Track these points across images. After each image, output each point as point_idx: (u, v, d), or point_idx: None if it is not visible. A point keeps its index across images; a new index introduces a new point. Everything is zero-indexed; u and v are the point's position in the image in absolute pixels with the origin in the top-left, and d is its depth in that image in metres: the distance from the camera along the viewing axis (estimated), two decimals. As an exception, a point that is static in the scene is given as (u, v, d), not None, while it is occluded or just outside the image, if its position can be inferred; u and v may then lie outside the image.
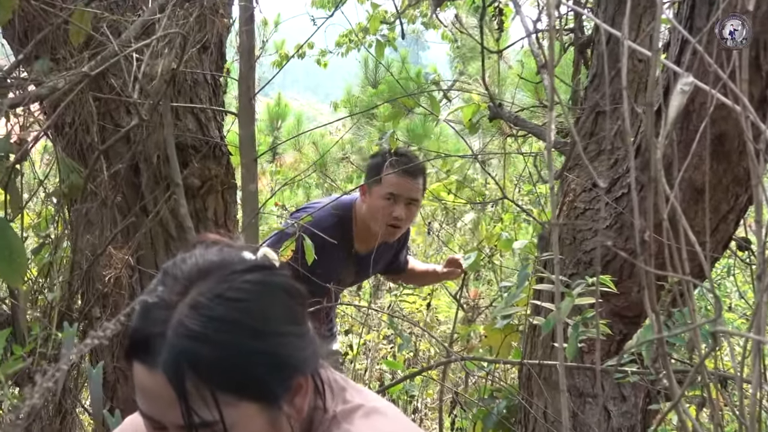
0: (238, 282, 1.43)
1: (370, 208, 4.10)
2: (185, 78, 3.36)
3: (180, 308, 1.39)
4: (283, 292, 1.48)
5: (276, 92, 13.28)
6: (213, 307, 1.39)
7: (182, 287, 1.42)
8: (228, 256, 1.48)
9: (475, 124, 3.83)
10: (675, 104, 1.53)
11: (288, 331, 1.46)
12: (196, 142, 3.38)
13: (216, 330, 1.37)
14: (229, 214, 3.55)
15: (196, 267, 1.45)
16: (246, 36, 3.11)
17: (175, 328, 1.38)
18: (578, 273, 3.28)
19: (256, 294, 1.43)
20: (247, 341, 1.39)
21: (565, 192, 3.44)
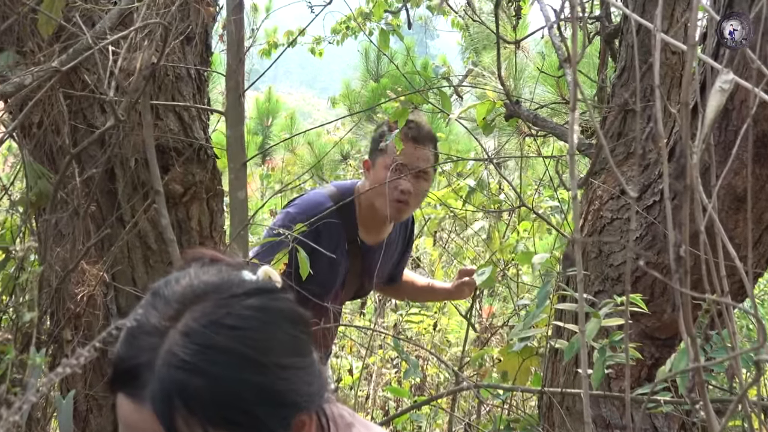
0: (237, 307, 1.42)
1: (375, 183, 4.03)
2: (167, 73, 3.36)
3: (171, 335, 1.39)
4: (286, 319, 1.48)
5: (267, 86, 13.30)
6: (208, 334, 1.38)
7: (174, 311, 1.42)
8: (226, 277, 1.47)
9: (489, 123, 3.84)
10: (713, 104, 1.53)
11: (291, 363, 1.45)
12: (178, 144, 3.39)
13: (211, 361, 1.37)
14: (216, 224, 3.55)
15: (190, 289, 1.45)
16: (235, 26, 3.12)
17: (166, 357, 1.37)
18: (605, 290, 3.28)
19: (256, 321, 1.43)
20: (244, 374, 1.39)
21: (590, 199, 3.45)
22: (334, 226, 3.90)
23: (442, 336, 6.65)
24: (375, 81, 10.89)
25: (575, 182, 1.43)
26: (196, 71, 3.49)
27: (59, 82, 3.08)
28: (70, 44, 3.00)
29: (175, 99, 3.40)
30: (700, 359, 1.53)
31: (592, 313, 2.63)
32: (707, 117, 1.54)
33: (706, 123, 1.55)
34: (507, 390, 3.25)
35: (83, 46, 2.84)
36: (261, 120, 12.24)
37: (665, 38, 1.56)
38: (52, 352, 3.33)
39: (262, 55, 10.75)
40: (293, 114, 12.17)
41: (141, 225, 3.30)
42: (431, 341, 6.64)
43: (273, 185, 10.11)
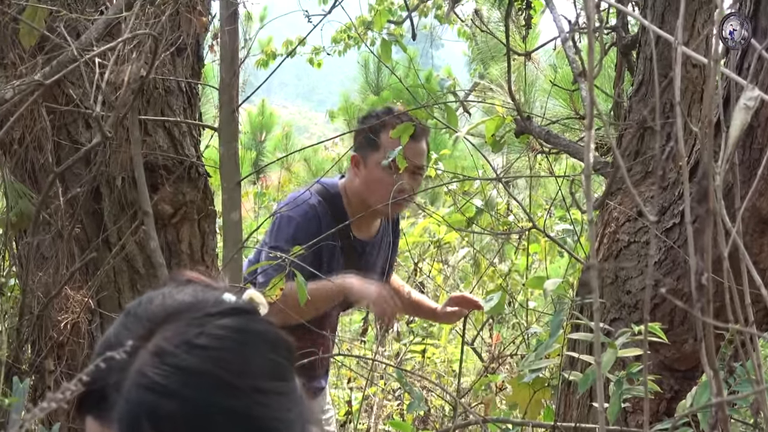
0: (211, 327, 1.41)
1: (368, 181, 4.01)
2: (156, 86, 3.38)
3: (141, 355, 1.38)
4: (264, 342, 1.47)
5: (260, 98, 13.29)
6: (179, 355, 1.37)
7: (145, 330, 1.41)
8: (202, 297, 1.48)
9: (498, 140, 3.85)
10: (738, 121, 1.54)
11: (268, 388, 1.44)
12: (168, 161, 3.40)
13: (182, 383, 1.36)
14: (207, 246, 3.56)
15: (162, 308, 1.44)
16: (228, 37, 3.13)
17: (135, 378, 1.37)
18: (621, 318, 3.29)
19: (231, 342, 1.42)
20: (217, 398, 1.38)
21: (606, 221, 3.45)
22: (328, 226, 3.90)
23: (447, 366, 6.65)
24: (375, 94, 10.88)
25: (591, 203, 1.44)
26: (187, 84, 3.50)
27: (42, 96, 3.09)
28: (54, 56, 3.01)
29: (165, 114, 3.41)
30: (723, 393, 1.53)
31: (608, 343, 2.63)
32: (731, 135, 1.55)
33: (730, 141, 1.56)
34: (517, 424, 3.25)
35: (68, 58, 2.86)
36: (254, 135, 12.23)
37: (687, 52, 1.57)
38: (34, 382, 3.33)
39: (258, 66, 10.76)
40: (289, 128, 12.16)
41: (128, 248, 3.31)
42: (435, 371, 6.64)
43: (268, 204, 10.10)
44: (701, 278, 1.42)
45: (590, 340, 2.97)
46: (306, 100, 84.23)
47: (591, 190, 1.46)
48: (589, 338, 2.88)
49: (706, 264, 1.42)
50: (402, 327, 6.82)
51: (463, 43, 10.55)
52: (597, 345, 1.47)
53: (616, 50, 4.47)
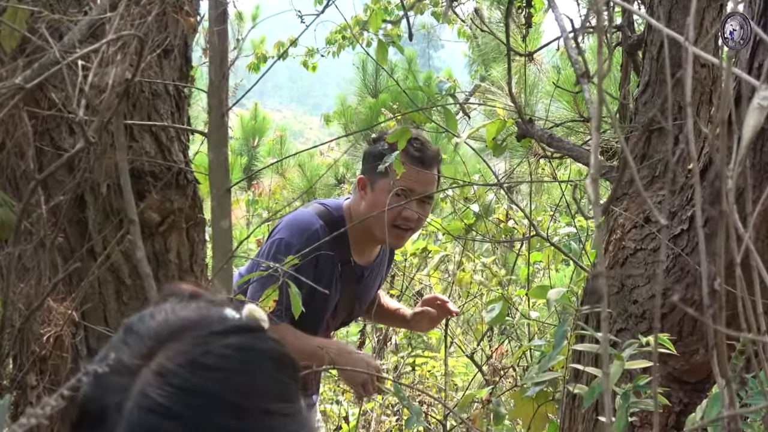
0: (217, 346, 1.41)
1: (373, 207, 3.95)
2: (142, 89, 3.36)
3: (143, 374, 1.37)
4: (270, 361, 1.46)
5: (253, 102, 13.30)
6: (183, 375, 1.37)
7: (147, 349, 1.40)
8: (206, 314, 1.47)
9: (500, 145, 3.84)
10: (750, 123, 1.53)
11: (274, 409, 1.43)
12: (155, 168, 3.38)
13: (185, 404, 1.35)
14: (196, 256, 3.54)
15: (166, 325, 1.43)
16: (218, 38, 3.12)
17: (136, 399, 1.36)
18: (628, 328, 3.28)
19: (237, 362, 1.41)
20: (222, 420, 1.37)
21: (611, 228, 3.45)
22: (327, 248, 3.87)
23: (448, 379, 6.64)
24: (373, 97, 10.87)
25: (598, 209, 1.43)
26: (175, 87, 3.49)
27: (23, 101, 3.08)
28: (36, 58, 3.00)
29: (152, 118, 3.39)
30: (735, 405, 1.52)
31: (614, 354, 2.63)
32: (744, 137, 1.54)
33: (743, 144, 1.55)
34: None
35: (50, 60, 2.84)
36: (247, 140, 12.23)
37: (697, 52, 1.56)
38: (15, 398, 3.31)
39: (250, 69, 10.77)
40: (283, 132, 12.14)
41: (113, 258, 3.29)
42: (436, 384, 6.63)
43: (260, 212, 10.09)
44: (713, 284, 1.41)
45: (596, 352, 2.96)
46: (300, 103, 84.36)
47: (598, 193, 1.44)
48: (595, 349, 2.88)
49: (719, 269, 1.41)
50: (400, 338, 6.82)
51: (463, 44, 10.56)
52: (605, 356, 1.46)
53: (621, 50, 4.46)
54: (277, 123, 13.25)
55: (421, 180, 3.94)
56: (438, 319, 4.45)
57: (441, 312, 4.36)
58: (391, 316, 4.69)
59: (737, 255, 1.47)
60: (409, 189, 3.93)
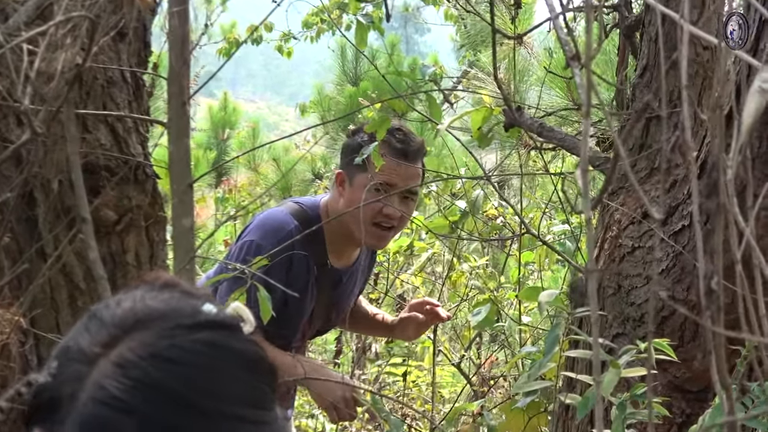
0: (184, 340, 1.40)
1: (352, 203, 3.88)
2: (96, 76, 3.34)
3: (101, 365, 1.36)
4: (245, 362, 1.45)
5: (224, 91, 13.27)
6: (145, 368, 1.35)
7: (109, 337, 1.39)
8: (177, 305, 1.45)
9: (486, 135, 3.82)
10: (751, 107, 1.52)
11: (245, 415, 1.42)
12: (111, 161, 3.37)
13: (144, 399, 1.34)
14: (156, 257, 3.53)
15: (132, 313, 1.42)
16: (178, 20, 3.10)
17: (91, 389, 1.35)
18: (625, 333, 3.28)
19: (205, 359, 1.40)
20: (184, 420, 1.36)
21: (607, 224, 3.44)
22: (302, 250, 3.84)
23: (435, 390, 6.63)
24: (353, 84, 10.85)
25: (588, 202, 1.42)
26: (133, 74, 3.47)
27: (-35, 89, 3.06)
28: (-22, 43, 2.98)
29: (107, 107, 3.38)
30: (736, 413, 1.51)
31: (610, 361, 2.62)
32: (744, 123, 1.53)
33: (743, 131, 1.54)
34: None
35: (-7, 44, 2.83)
36: (216, 132, 12.19)
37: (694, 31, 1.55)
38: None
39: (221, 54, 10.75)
40: (256, 124, 12.09)
41: (66, 259, 3.28)
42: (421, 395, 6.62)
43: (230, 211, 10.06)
44: (711, 283, 1.40)
45: (590, 359, 2.95)
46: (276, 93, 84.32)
47: (588, 185, 1.43)
48: (589, 356, 2.87)
49: (717, 267, 1.40)
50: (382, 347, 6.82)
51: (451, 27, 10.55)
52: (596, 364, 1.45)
53: (618, 32, 4.46)
54: (249, 114, 13.23)
55: (403, 174, 3.90)
56: (426, 326, 4.37)
57: (430, 318, 4.28)
58: (373, 324, 4.64)
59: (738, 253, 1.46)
60: (389, 184, 3.88)
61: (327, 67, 11.64)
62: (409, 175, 3.92)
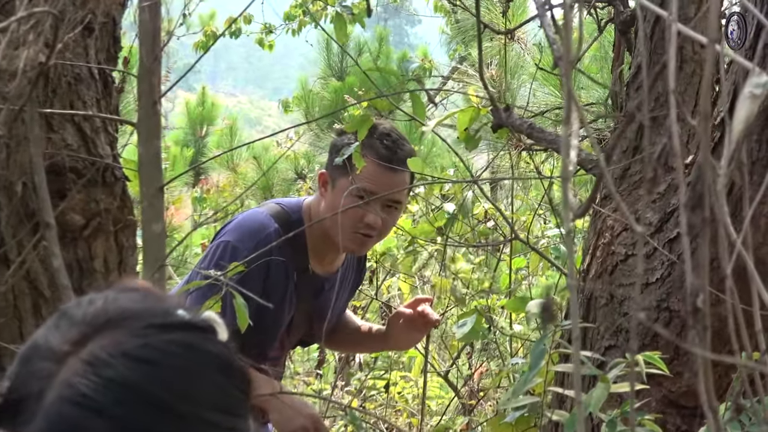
0: (156, 340, 1.40)
1: (333, 208, 3.86)
2: (63, 73, 3.34)
3: (71, 363, 1.37)
4: (218, 366, 1.45)
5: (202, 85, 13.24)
6: (116, 366, 1.36)
7: (79, 335, 1.39)
8: (151, 306, 1.46)
9: (473, 136, 3.80)
10: (742, 113, 1.53)
11: (216, 420, 1.42)
12: (78, 163, 3.36)
13: (114, 399, 1.34)
14: (126, 263, 3.52)
15: (104, 311, 1.43)
16: (149, 14, 3.10)
17: (60, 388, 1.35)
18: (617, 345, 3.28)
19: (178, 360, 1.41)
20: (154, 421, 1.36)
21: (599, 231, 3.45)
22: (281, 254, 3.80)
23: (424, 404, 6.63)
24: (339, 79, 10.79)
25: (569, 214, 1.42)
26: (101, 71, 3.46)
27: None
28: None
29: (74, 106, 3.37)
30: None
31: (599, 376, 2.62)
32: (734, 130, 1.54)
33: (733, 137, 1.55)
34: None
35: (-48, 40, 2.83)
36: (193, 129, 12.15)
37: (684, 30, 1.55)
38: None
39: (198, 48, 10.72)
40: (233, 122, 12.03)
41: (30, 266, 3.27)
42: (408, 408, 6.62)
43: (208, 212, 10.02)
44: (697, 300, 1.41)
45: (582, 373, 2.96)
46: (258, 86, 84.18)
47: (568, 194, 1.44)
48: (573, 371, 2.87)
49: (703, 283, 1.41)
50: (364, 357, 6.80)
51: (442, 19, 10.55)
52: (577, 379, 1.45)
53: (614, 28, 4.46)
54: (230, 109, 13.21)
55: (388, 182, 3.85)
56: (420, 333, 4.29)
57: (422, 323, 4.22)
58: (362, 338, 4.55)
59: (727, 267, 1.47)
60: (373, 191, 3.83)
61: (312, 59, 11.61)
62: (393, 184, 3.88)
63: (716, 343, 2.71)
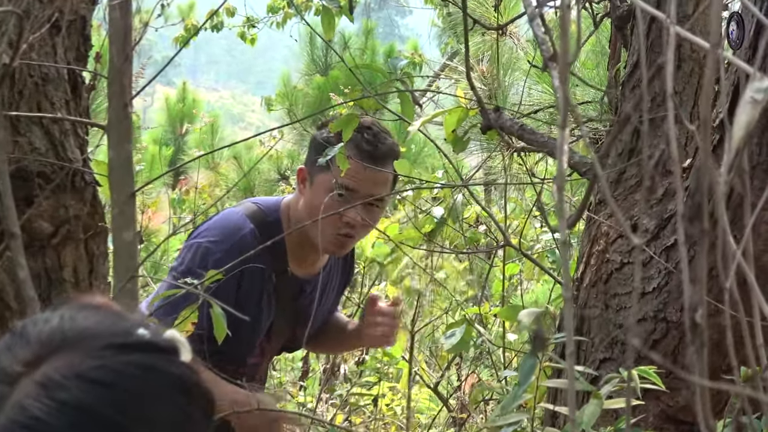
0: (114, 361, 1.40)
1: (311, 206, 3.85)
2: (30, 73, 3.33)
3: (24, 384, 1.37)
4: (179, 389, 1.45)
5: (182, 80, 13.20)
6: (70, 389, 1.36)
7: (33, 356, 1.40)
8: (108, 325, 1.46)
9: (461, 138, 3.79)
10: (743, 119, 1.52)
11: None
12: (46, 167, 3.36)
13: (68, 423, 1.34)
14: (97, 272, 3.51)
15: (59, 331, 1.43)
16: (119, 11, 3.09)
17: (11, 411, 1.35)
18: (612, 358, 3.28)
19: (136, 382, 1.41)
20: None
21: (594, 237, 3.45)
22: (258, 256, 3.77)
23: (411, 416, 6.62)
24: (323, 74, 10.74)
25: (564, 222, 1.42)
26: (70, 70, 3.46)
27: None
28: None
29: (42, 108, 3.36)
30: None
31: (592, 392, 2.62)
32: (735, 136, 1.53)
33: (733, 144, 1.54)
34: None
35: None
36: (173, 126, 12.11)
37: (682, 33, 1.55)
38: None
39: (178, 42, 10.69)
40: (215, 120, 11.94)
41: (-5, 277, 3.27)
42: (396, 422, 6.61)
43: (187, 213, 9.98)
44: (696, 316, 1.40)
45: (570, 388, 2.95)
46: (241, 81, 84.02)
47: (563, 202, 1.44)
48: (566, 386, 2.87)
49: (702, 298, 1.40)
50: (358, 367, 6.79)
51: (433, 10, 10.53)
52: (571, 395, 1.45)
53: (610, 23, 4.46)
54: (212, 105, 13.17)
55: (369, 179, 3.83)
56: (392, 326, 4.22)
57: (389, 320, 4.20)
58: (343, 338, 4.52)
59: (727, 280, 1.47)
60: (353, 188, 3.81)
61: (297, 53, 11.55)
62: (375, 181, 3.87)
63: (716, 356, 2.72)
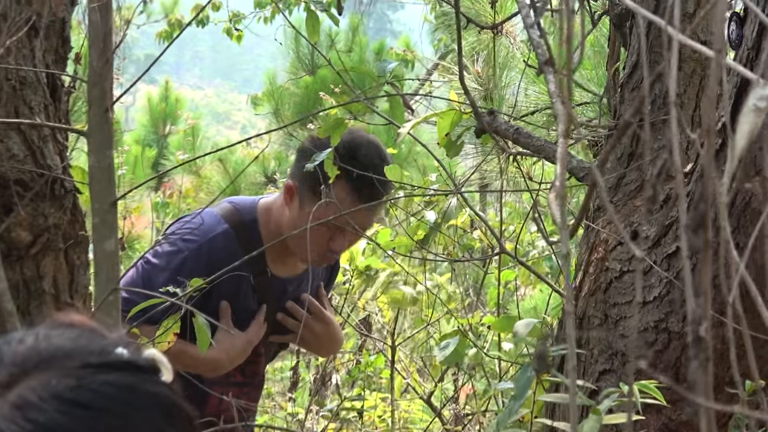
0: (91, 381, 1.39)
1: (296, 224, 3.85)
2: (7, 77, 3.33)
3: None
4: (157, 409, 1.45)
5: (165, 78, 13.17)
6: (46, 410, 1.35)
7: (8, 377, 1.39)
8: (85, 344, 1.46)
9: (454, 142, 3.78)
10: (745, 127, 1.52)
11: None
12: (24, 175, 3.35)
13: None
14: (77, 283, 3.51)
15: (35, 351, 1.42)
16: (99, 13, 3.09)
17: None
18: (612, 370, 3.27)
19: (114, 403, 1.40)
20: None
21: (592, 245, 3.44)
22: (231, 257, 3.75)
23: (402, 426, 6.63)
24: (309, 73, 10.70)
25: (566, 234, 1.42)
26: (50, 75, 3.45)
27: None
28: None
29: (20, 113, 3.36)
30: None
31: (591, 407, 2.62)
32: (737, 145, 1.53)
33: (735, 153, 1.54)
34: None
35: None
36: (156, 126, 12.08)
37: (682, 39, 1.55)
38: None
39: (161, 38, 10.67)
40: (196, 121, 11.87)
41: (-28, 288, 3.26)
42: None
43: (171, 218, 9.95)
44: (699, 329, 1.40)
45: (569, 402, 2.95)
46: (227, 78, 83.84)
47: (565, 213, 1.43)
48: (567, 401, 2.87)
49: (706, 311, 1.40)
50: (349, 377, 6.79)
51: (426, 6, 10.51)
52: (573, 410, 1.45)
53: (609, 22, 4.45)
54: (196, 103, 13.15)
55: (360, 222, 3.88)
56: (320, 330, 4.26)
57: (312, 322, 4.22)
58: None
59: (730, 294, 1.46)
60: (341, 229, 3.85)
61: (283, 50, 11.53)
62: (364, 220, 3.93)
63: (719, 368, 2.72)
